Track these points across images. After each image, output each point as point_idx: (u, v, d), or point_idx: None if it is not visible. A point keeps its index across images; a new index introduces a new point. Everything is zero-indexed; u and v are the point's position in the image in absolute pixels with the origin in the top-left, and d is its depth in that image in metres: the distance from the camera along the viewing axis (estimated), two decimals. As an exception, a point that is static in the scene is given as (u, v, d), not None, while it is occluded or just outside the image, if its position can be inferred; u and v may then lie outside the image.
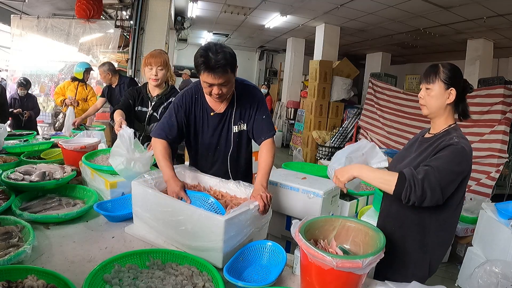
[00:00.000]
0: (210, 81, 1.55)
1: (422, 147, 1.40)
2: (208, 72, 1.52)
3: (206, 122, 1.78)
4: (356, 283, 1.07)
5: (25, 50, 5.50)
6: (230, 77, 1.57)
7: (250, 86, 1.81)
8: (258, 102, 1.76)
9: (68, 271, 1.13)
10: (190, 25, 8.24)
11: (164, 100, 2.36)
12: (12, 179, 1.66)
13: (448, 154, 1.25)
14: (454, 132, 1.34)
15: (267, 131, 1.75)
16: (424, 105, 1.40)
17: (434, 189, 1.19)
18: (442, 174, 1.21)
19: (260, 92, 1.83)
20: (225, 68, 1.52)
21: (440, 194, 1.20)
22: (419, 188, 1.19)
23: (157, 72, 2.28)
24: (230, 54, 1.55)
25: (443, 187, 1.21)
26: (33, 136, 2.83)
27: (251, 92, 1.78)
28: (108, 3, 5.76)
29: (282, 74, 10.62)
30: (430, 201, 1.20)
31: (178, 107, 1.75)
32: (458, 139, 1.27)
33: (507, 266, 2.10)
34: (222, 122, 1.78)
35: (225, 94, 1.63)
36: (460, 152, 1.25)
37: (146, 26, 5.06)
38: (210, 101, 1.75)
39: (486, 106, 4.32)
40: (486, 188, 4.21)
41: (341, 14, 6.27)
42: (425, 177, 1.20)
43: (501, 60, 7.88)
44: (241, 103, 1.75)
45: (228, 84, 1.59)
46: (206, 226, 1.21)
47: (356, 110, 7.23)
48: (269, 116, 1.80)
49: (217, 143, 1.82)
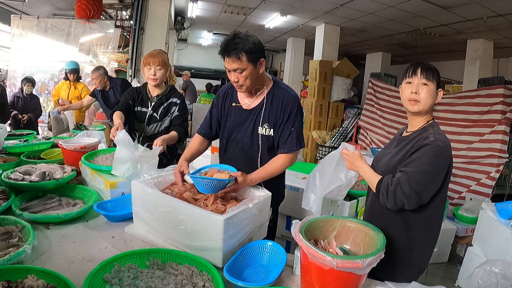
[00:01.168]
0: (226, 65, 1.57)
1: (400, 146, 1.41)
2: (223, 56, 1.56)
3: (232, 115, 1.77)
4: (356, 283, 1.07)
5: (25, 50, 5.50)
6: (245, 65, 1.53)
7: (286, 91, 1.70)
8: (290, 111, 1.66)
9: (68, 271, 1.13)
10: (190, 25, 8.24)
11: (164, 101, 2.35)
12: (12, 179, 1.66)
13: (423, 156, 1.26)
14: (431, 128, 1.35)
15: (289, 144, 1.66)
16: (417, 101, 1.35)
17: (409, 197, 1.23)
18: (417, 179, 1.23)
19: (297, 101, 1.70)
20: (239, 53, 1.50)
21: (417, 199, 1.24)
22: (391, 199, 1.25)
23: (156, 71, 2.25)
24: (253, 43, 1.52)
25: (420, 191, 1.23)
26: (33, 136, 2.82)
27: (285, 97, 1.67)
28: (108, 3, 5.76)
29: (282, 74, 10.61)
30: (409, 207, 1.25)
31: (213, 103, 1.83)
32: (433, 137, 1.28)
33: (507, 266, 2.10)
34: (249, 120, 1.72)
35: (243, 84, 1.59)
36: (434, 151, 1.25)
37: (146, 26, 5.06)
38: (241, 95, 1.75)
39: (486, 106, 4.32)
40: (486, 188, 4.21)
41: (341, 14, 6.27)
42: (397, 186, 1.24)
43: (501, 60, 7.88)
44: (272, 105, 1.68)
45: (244, 71, 1.55)
46: (206, 226, 1.21)
47: (356, 110, 7.23)
48: (298, 128, 1.69)
49: (239, 140, 1.76)
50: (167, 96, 2.36)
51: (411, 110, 1.38)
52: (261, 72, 1.63)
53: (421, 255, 1.38)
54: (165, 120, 2.34)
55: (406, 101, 1.38)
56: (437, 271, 3.24)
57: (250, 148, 1.74)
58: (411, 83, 1.36)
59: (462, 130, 4.51)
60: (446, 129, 4.64)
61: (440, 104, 4.99)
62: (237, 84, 1.61)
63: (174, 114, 2.34)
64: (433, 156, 1.25)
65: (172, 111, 2.35)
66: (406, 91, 1.37)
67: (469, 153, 4.38)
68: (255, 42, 1.53)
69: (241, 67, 1.54)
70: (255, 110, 1.71)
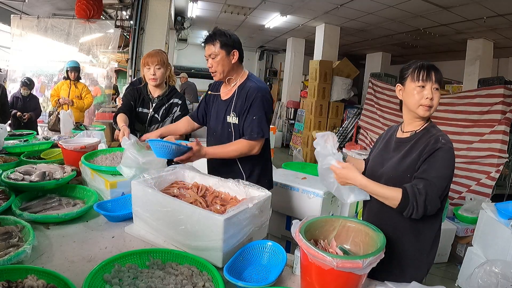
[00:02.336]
0: (205, 53, 1.82)
1: (404, 148, 1.36)
2: (204, 45, 1.83)
3: (215, 106, 1.97)
4: (356, 283, 1.07)
5: (25, 50, 5.50)
6: (218, 51, 1.77)
7: (254, 83, 1.85)
8: (253, 101, 1.80)
9: (68, 271, 1.13)
10: (190, 25, 8.24)
11: (165, 101, 2.35)
12: (12, 179, 1.66)
13: (441, 161, 1.24)
14: (434, 129, 1.33)
15: (249, 132, 1.80)
16: (431, 107, 1.31)
17: (434, 203, 1.23)
18: (439, 185, 1.22)
19: (260, 92, 1.81)
20: (213, 39, 1.76)
21: (439, 204, 1.24)
22: (421, 208, 1.21)
23: (155, 71, 2.25)
24: (229, 35, 1.78)
25: (440, 195, 1.24)
26: (33, 136, 2.82)
27: (250, 88, 1.82)
28: (108, 3, 5.76)
29: (282, 74, 10.62)
30: (430, 213, 1.24)
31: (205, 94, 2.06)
32: (443, 139, 1.27)
33: (507, 266, 2.10)
34: (222, 109, 1.91)
35: (216, 70, 1.81)
36: (450, 154, 1.25)
37: (146, 26, 5.05)
38: (222, 87, 1.96)
39: (486, 106, 4.32)
40: (486, 188, 4.21)
41: (341, 14, 6.27)
42: (426, 195, 1.21)
43: (501, 60, 7.88)
44: (240, 96, 1.84)
45: (216, 57, 1.78)
46: (206, 226, 1.21)
47: (356, 110, 7.23)
48: (260, 117, 1.79)
49: (214, 129, 1.96)
50: (168, 96, 2.36)
51: (422, 116, 1.33)
52: (233, 62, 1.83)
53: (429, 254, 1.38)
54: (166, 121, 2.34)
55: (417, 106, 1.31)
56: (437, 271, 3.24)
57: (222, 135, 1.92)
58: (424, 87, 1.30)
59: (462, 130, 4.51)
60: (446, 129, 4.64)
61: (440, 104, 4.97)
62: (211, 70, 1.83)
63: (176, 114, 2.35)
64: (449, 160, 1.25)
65: (173, 111, 2.35)
66: (417, 95, 1.31)
67: (469, 153, 4.38)
68: (230, 35, 1.79)
69: (215, 52, 1.77)
70: (228, 100, 1.90)
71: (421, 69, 1.32)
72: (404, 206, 1.23)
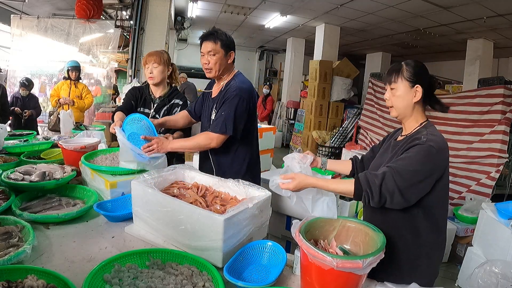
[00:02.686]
0: (202, 49, 1.85)
1: (394, 151, 1.34)
2: (201, 42, 1.86)
3: (205, 103, 2.06)
4: (356, 283, 1.07)
5: (25, 50, 5.50)
6: (219, 50, 1.83)
7: (236, 82, 1.91)
8: (227, 97, 1.86)
9: (68, 271, 1.13)
10: (190, 25, 8.24)
11: (167, 102, 2.34)
12: (12, 179, 1.66)
13: (412, 155, 1.21)
14: (425, 130, 1.29)
15: (214, 125, 1.85)
16: (391, 107, 1.35)
17: (392, 193, 1.17)
18: (402, 176, 1.17)
19: (237, 91, 1.86)
20: (214, 37, 1.81)
21: (400, 197, 1.17)
22: (376, 194, 1.18)
23: (152, 69, 2.24)
24: (228, 36, 1.85)
25: (404, 189, 1.17)
26: (33, 136, 2.82)
27: (231, 87, 1.89)
28: (108, 3, 5.76)
29: (282, 74, 10.62)
30: (391, 204, 1.19)
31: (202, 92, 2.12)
32: (426, 138, 1.23)
33: (507, 266, 2.10)
34: (210, 107, 1.99)
35: (212, 68, 1.86)
36: (425, 151, 1.20)
37: (146, 26, 5.06)
38: (215, 86, 2.02)
39: (486, 106, 4.32)
40: (486, 188, 4.21)
41: (341, 14, 6.28)
42: (382, 182, 1.17)
43: (501, 60, 7.89)
44: (223, 94, 1.91)
45: (215, 55, 1.83)
46: (206, 225, 1.21)
47: (356, 110, 7.23)
48: (228, 115, 1.83)
49: (204, 126, 2.04)
50: (169, 97, 2.35)
51: (391, 116, 1.39)
52: (229, 63, 1.90)
53: (432, 260, 1.33)
54: None
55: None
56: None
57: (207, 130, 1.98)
58: (386, 90, 1.36)
59: (462, 130, 4.51)
60: (446, 129, 4.64)
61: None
62: (207, 66, 1.87)
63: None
64: (424, 156, 1.20)
65: (174, 112, 2.34)
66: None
67: (469, 153, 4.37)
68: (229, 36, 1.87)
69: (215, 49, 1.83)
70: (215, 98, 1.97)
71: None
72: (359, 195, 1.22)
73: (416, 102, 1.31)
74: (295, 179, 1.28)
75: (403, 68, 1.31)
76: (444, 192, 1.31)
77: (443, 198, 1.31)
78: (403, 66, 1.32)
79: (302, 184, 1.28)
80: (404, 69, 1.31)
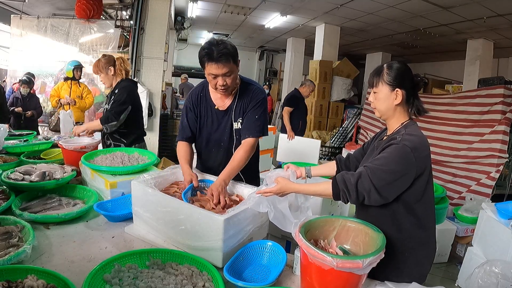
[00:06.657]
0: (214, 71, 1.60)
1: (377, 151, 1.36)
2: (211, 63, 1.58)
3: (210, 118, 1.84)
4: (356, 283, 1.07)
5: (25, 50, 5.49)
6: (232, 68, 1.63)
7: (253, 86, 1.83)
8: (256, 102, 1.78)
9: (68, 271, 1.13)
10: (190, 25, 8.24)
11: (110, 95, 2.62)
12: (12, 179, 1.66)
13: (386, 155, 1.24)
14: (404, 130, 1.32)
15: (253, 130, 1.75)
16: (374, 108, 1.41)
17: (368, 191, 1.21)
18: (377, 175, 1.20)
19: (263, 94, 1.83)
20: (227, 57, 1.58)
21: (377, 195, 1.21)
22: (353, 192, 1.22)
23: (100, 79, 2.65)
24: (231, 46, 1.61)
25: (380, 187, 1.20)
26: (33, 136, 2.82)
27: (253, 91, 1.80)
28: (108, 3, 5.76)
29: (282, 74, 10.62)
30: (369, 202, 1.23)
31: (187, 108, 1.85)
32: (401, 137, 1.25)
33: (507, 266, 2.10)
34: (226, 119, 1.82)
35: (230, 86, 1.68)
36: (399, 150, 1.22)
37: (146, 26, 5.05)
38: (215, 98, 1.82)
39: (486, 106, 4.32)
40: (486, 188, 4.21)
41: (341, 14, 6.28)
42: (358, 180, 1.22)
43: (501, 60, 7.88)
44: (242, 100, 1.79)
45: (231, 74, 1.64)
46: (206, 226, 1.21)
47: (356, 110, 7.23)
48: (262, 119, 1.78)
49: (220, 139, 1.85)
50: (113, 91, 2.62)
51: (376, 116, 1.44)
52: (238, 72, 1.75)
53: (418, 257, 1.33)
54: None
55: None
56: (437, 271, 3.24)
57: (229, 145, 1.86)
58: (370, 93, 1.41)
59: (462, 130, 4.51)
60: (446, 129, 4.64)
61: (440, 104, 4.99)
62: (223, 87, 1.66)
63: (110, 99, 2.61)
64: (398, 156, 1.22)
65: (111, 99, 2.59)
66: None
67: (469, 153, 4.37)
68: (232, 45, 1.64)
69: (231, 70, 1.63)
70: (230, 109, 1.81)
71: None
72: (337, 194, 1.26)
73: (398, 104, 1.34)
74: (279, 183, 1.32)
75: (384, 72, 1.34)
76: (425, 189, 1.30)
77: (425, 194, 1.30)
78: (384, 70, 1.34)
79: (284, 189, 1.32)
80: (385, 73, 1.34)
